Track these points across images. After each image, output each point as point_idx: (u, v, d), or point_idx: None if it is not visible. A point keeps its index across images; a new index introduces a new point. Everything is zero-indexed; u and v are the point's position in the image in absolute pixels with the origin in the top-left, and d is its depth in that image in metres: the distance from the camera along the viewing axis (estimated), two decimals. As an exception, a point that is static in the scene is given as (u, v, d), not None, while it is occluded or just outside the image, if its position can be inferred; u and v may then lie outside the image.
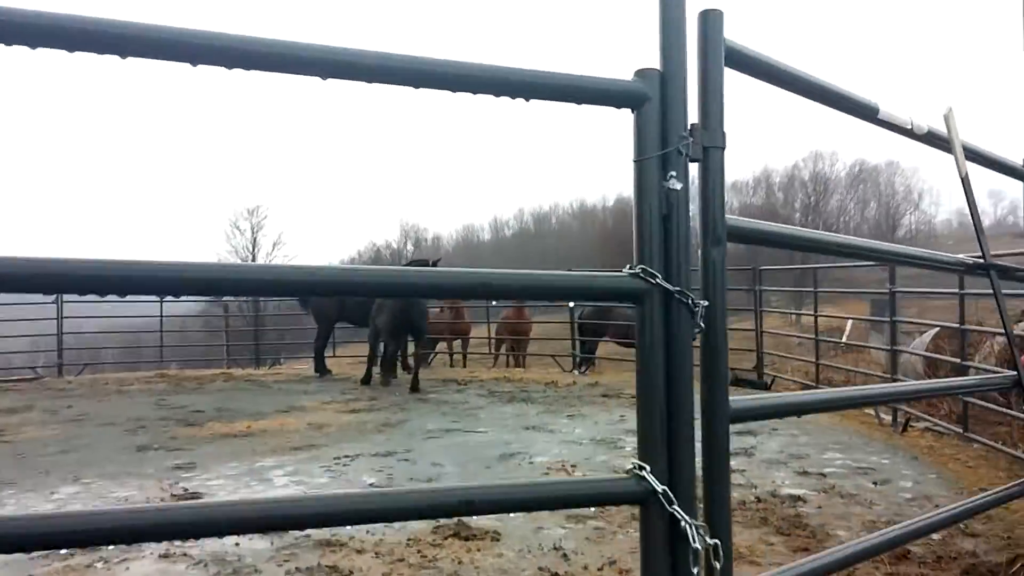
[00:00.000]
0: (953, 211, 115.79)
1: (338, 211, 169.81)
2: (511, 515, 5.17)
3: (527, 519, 5.10)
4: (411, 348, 15.90)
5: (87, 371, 16.79)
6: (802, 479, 6.05)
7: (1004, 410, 7.33)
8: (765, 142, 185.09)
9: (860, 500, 5.43)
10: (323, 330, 14.64)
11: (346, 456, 7.29)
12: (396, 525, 4.99)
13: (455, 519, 5.09)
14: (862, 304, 35.43)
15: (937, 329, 10.52)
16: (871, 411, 8.87)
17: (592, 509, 5.23)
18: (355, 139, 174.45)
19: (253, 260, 65.86)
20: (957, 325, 8.03)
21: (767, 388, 11.25)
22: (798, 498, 5.47)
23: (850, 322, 30.78)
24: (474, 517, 5.13)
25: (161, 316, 17.63)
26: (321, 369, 14.49)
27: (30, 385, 13.94)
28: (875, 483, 5.88)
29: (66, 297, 15.99)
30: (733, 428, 6.31)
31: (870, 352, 17.93)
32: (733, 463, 6.58)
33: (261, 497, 5.22)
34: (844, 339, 29.98)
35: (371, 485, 6.15)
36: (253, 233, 66.98)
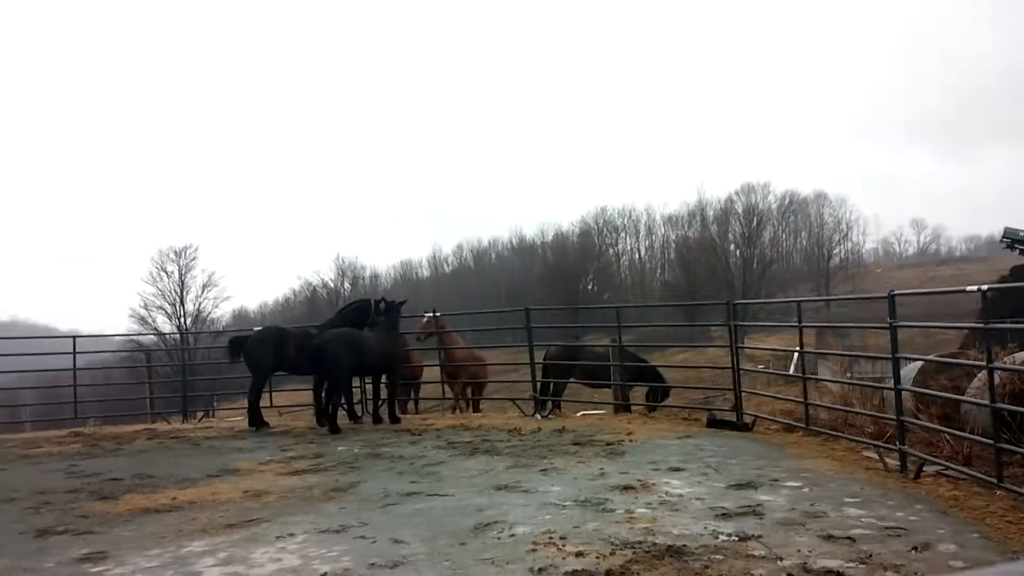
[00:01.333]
0: (879, 240, 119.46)
1: (270, 248, 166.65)
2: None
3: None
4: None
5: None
6: (832, 546, 5.20)
7: (1014, 448, 6.67)
8: (699, 174, 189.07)
9: (908, 573, 4.60)
10: (258, 380, 13.39)
11: (290, 534, 6.19)
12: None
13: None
14: (794, 335, 35.41)
15: (920, 363, 9.91)
16: (874, 455, 8.13)
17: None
18: (287, 173, 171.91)
19: (181, 304, 63.49)
20: (948, 358, 7.40)
21: (749, 430, 10.47)
22: (838, 573, 4.62)
23: (796, 354, 30.85)
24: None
25: (75, 368, 16.13)
26: (257, 422, 13.23)
27: (-76, 451, 12.34)
28: (915, 548, 5.07)
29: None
30: (730, 481, 5.41)
31: (826, 385, 17.48)
32: (744, 527, 5.72)
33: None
34: (792, 370, 29.88)
35: (324, 575, 5.08)
36: (181, 275, 64.62)
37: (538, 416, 13.19)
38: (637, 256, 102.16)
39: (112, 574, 5.37)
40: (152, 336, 55.33)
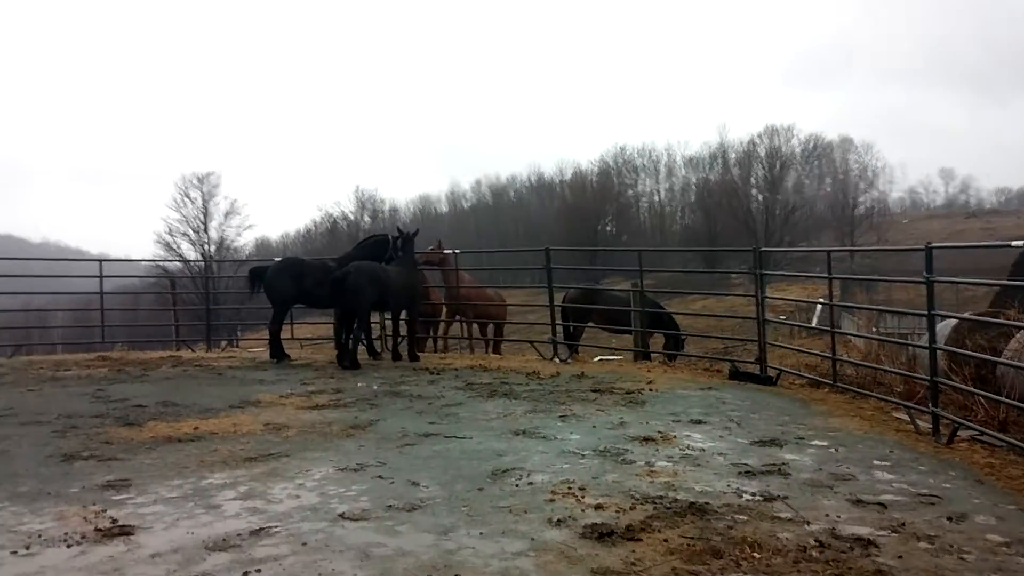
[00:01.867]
0: (906, 189, 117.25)
1: (293, 179, 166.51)
2: (523, 571, 4.13)
3: (547, 576, 4.07)
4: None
5: (21, 352, 15.35)
6: (861, 512, 5.09)
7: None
8: (721, 115, 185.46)
9: (944, 545, 4.48)
10: (279, 312, 13.38)
11: (309, 471, 6.19)
12: None
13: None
14: (819, 286, 35.00)
15: (956, 321, 9.69)
16: (905, 416, 7.99)
17: (623, 563, 4.22)
18: (311, 105, 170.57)
19: (205, 231, 63.67)
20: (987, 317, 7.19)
21: (773, 383, 10.34)
22: (869, 542, 4.51)
23: (819, 306, 30.45)
24: (476, 574, 4.09)
25: (102, 292, 16.20)
26: (278, 354, 13.27)
27: (-49, 369, 12.51)
28: (950, 518, 4.95)
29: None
30: (754, 437, 5.28)
31: (850, 339, 17.26)
32: (769, 486, 5.61)
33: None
34: (815, 322, 29.62)
35: (341, 516, 5.06)
36: (204, 202, 64.61)
37: (557, 360, 13.13)
38: (657, 198, 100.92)
39: (134, 502, 5.38)
40: (177, 262, 55.66)
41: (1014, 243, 7.41)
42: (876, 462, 6.37)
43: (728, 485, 5.70)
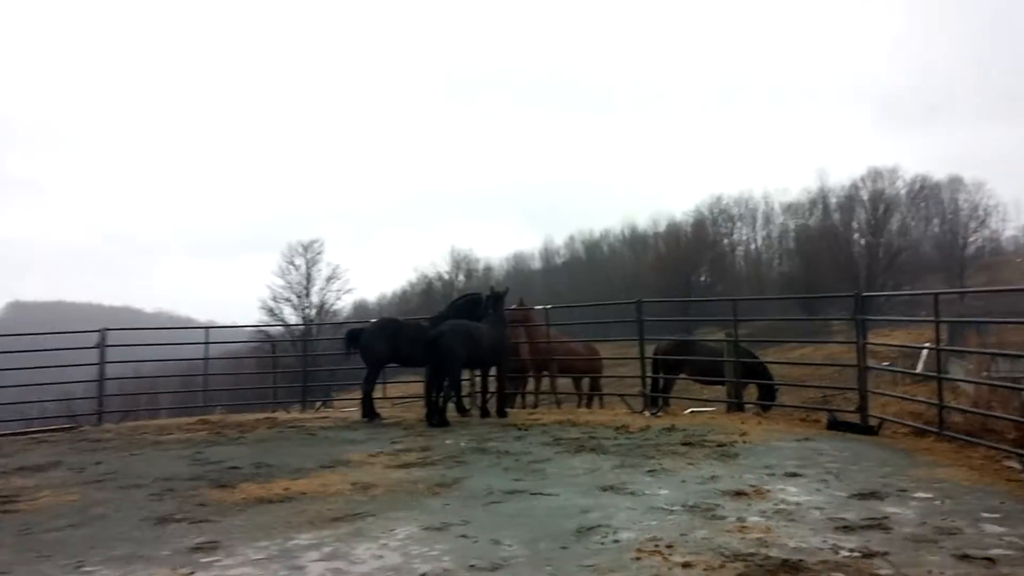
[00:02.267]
0: (1020, 227, 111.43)
1: (389, 241, 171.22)
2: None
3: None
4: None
5: (129, 418, 16.08)
6: (968, 567, 4.75)
7: None
8: (821, 159, 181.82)
9: (1060, 604, 4.13)
10: (372, 372, 13.65)
11: (393, 530, 6.19)
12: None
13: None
14: (925, 330, 33.32)
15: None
16: (1017, 464, 7.47)
17: None
18: (405, 167, 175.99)
19: (307, 296, 65.77)
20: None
21: (874, 433, 9.85)
22: (977, 601, 4.19)
23: (925, 351, 29.03)
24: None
25: (207, 358, 16.86)
26: (370, 413, 13.48)
27: (65, 436, 13.17)
28: (1067, 574, 4.56)
29: (108, 339, 15.33)
30: (853, 489, 5.01)
31: (959, 385, 16.33)
32: (869, 541, 5.28)
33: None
34: (920, 368, 28.21)
35: (423, 576, 5.03)
36: (307, 268, 66.92)
37: (647, 413, 12.87)
38: (753, 246, 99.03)
39: (221, 564, 5.48)
40: (279, 327, 57.58)
41: None
42: (984, 514, 5.95)
43: (824, 541, 5.41)
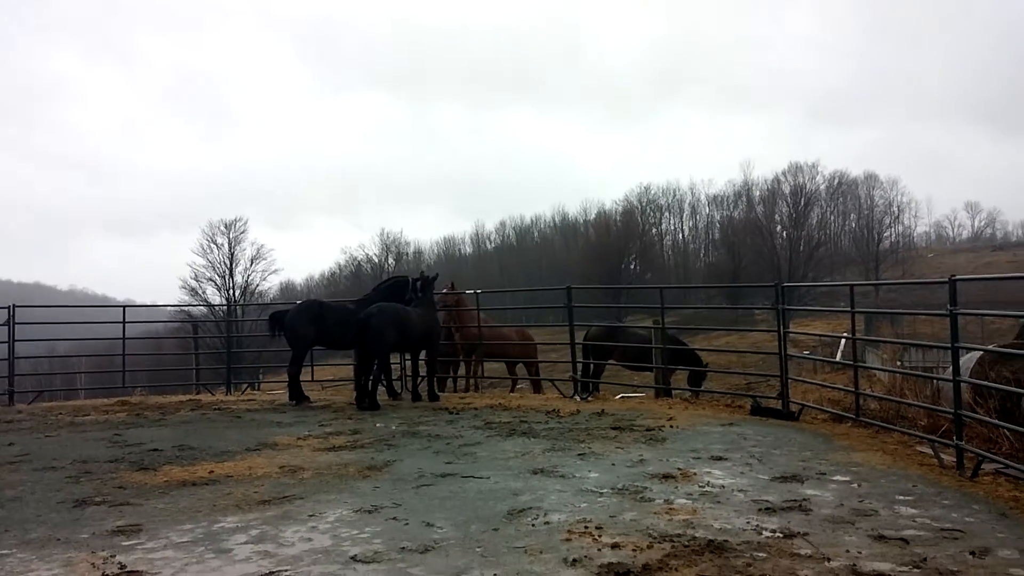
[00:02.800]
0: (932, 224, 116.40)
1: (318, 223, 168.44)
2: None
3: None
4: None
5: (42, 398, 15.48)
6: (883, 547, 4.94)
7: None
8: (746, 153, 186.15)
9: (970, 582, 4.33)
10: (298, 355, 13.42)
11: (322, 513, 6.12)
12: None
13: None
14: (843, 320, 34.48)
15: (980, 353, 9.48)
16: (929, 450, 7.80)
17: None
18: (335, 147, 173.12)
19: (231, 276, 64.28)
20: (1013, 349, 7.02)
21: (795, 419, 10.16)
22: (891, 579, 4.37)
23: (843, 340, 30.12)
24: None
25: (124, 338, 16.34)
26: (297, 396, 13.28)
27: (-26, 417, 12.61)
28: (972, 553, 4.79)
29: (18, 316, 14.71)
30: (775, 473, 5.17)
31: (874, 373, 17.00)
32: (790, 522, 5.46)
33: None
34: (838, 356, 29.25)
35: (353, 558, 4.99)
36: (231, 248, 65.31)
37: (577, 398, 13.01)
38: (681, 236, 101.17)
39: (144, 548, 5.33)
40: (201, 307, 56.13)
41: None
42: (899, 497, 6.20)
43: (748, 522, 5.56)
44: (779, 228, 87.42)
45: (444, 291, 15.33)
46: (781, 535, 5.22)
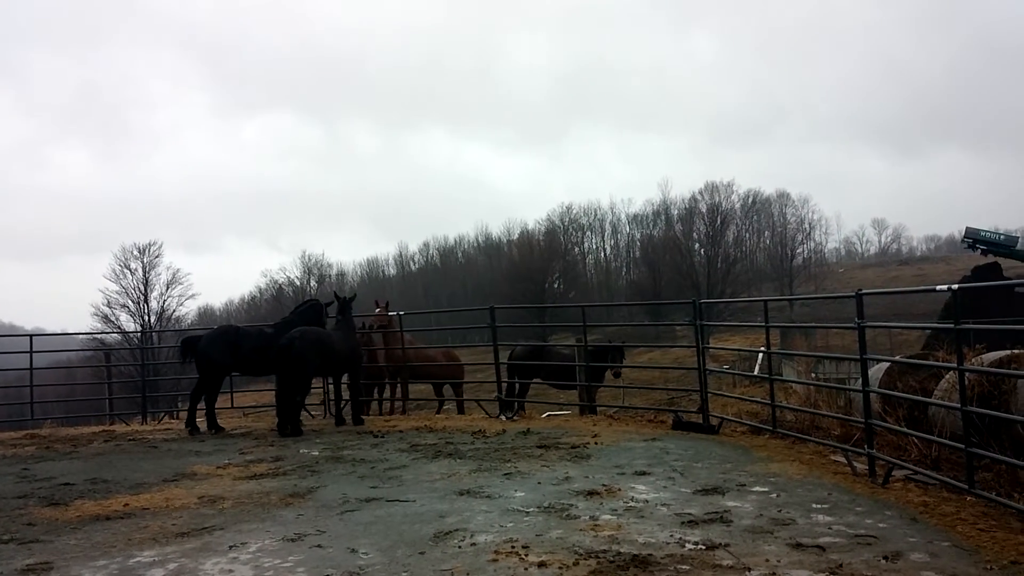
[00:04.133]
0: (841, 240, 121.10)
1: (236, 247, 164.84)
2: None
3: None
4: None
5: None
6: (801, 555, 5.10)
7: (984, 452, 6.65)
8: (663, 173, 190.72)
9: (881, 585, 4.51)
10: (214, 381, 13.04)
11: (244, 543, 5.97)
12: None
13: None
14: (760, 335, 35.63)
15: (887, 364, 9.91)
16: (842, 459, 8.09)
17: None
18: (253, 170, 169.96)
19: (145, 302, 62.32)
20: (917, 359, 7.37)
21: (715, 432, 10.40)
22: (809, 585, 4.51)
23: (760, 354, 30.97)
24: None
25: (32, 368, 15.65)
26: (213, 425, 12.93)
27: None
28: (886, 557, 4.98)
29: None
30: (696, 486, 5.30)
31: (790, 386, 17.53)
32: (711, 534, 5.59)
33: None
34: (756, 370, 30.05)
35: (277, 588, 4.88)
36: (145, 273, 63.28)
37: (503, 417, 13.03)
38: (603, 255, 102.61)
39: (54, 587, 5.11)
40: (115, 335, 54.15)
41: (939, 287, 7.63)
42: (815, 505, 6.41)
43: (671, 535, 5.67)
44: (697, 246, 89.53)
45: (376, 312, 15.17)
46: (703, 547, 5.34)
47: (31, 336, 16.94)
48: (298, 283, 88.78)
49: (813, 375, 17.73)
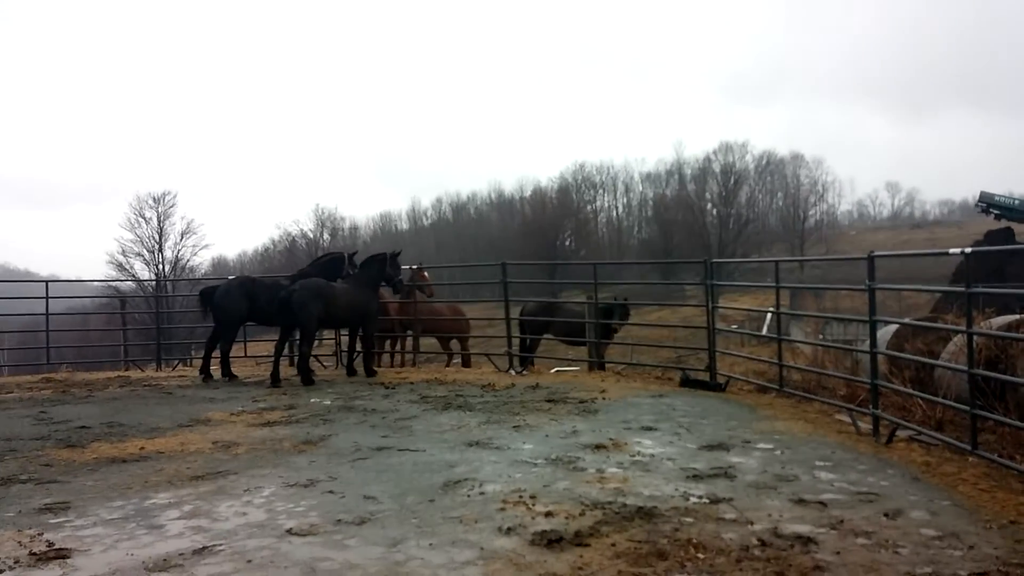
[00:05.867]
0: (854, 202, 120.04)
1: (251, 197, 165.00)
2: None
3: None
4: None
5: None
6: (803, 511, 5.19)
7: (987, 415, 6.71)
8: (678, 132, 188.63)
9: (880, 541, 4.59)
10: (230, 331, 13.22)
11: (258, 487, 6.11)
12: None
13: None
14: (770, 295, 35.62)
15: (897, 326, 9.93)
16: (847, 418, 8.16)
17: (570, 568, 4.26)
18: (269, 122, 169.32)
19: (160, 251, 62.59)
20: (926, 322, 7.39)
21: (722, 390, 10.48)
22: (808, 539, 4.60)
23: (769, 314, 31.04)
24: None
25: (47, 314, 15.85)
26: (227, 373, 13.12)
27: None
28: (887, 515, 5.06)
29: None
30: (702, 441, 5.39)
31: (798, 346, 17.60)
32: (716, 489, 5.70)
33: None
34: (764, 330, 30.12)
35: (289, 532, 5.01)
36: (159, 222, 63.45)
37: (512, 372, 13.15)
38: (615, 213, 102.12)
39: (72, 525, 5.26)
40: (129, 282, 54.53)
41: (951, 251, 7.62)
42: (818, 463, 6.49)
43: (676, 489, 5.76)
44: (710, 206, 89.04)
45: (417, 269, 15.30)
46: (707, 501, 5.44)
47: (47, 282, 17.13)
48: (311, 236, 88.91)
49: (821, 336, 17.79)
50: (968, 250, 6.77)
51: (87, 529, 5.16)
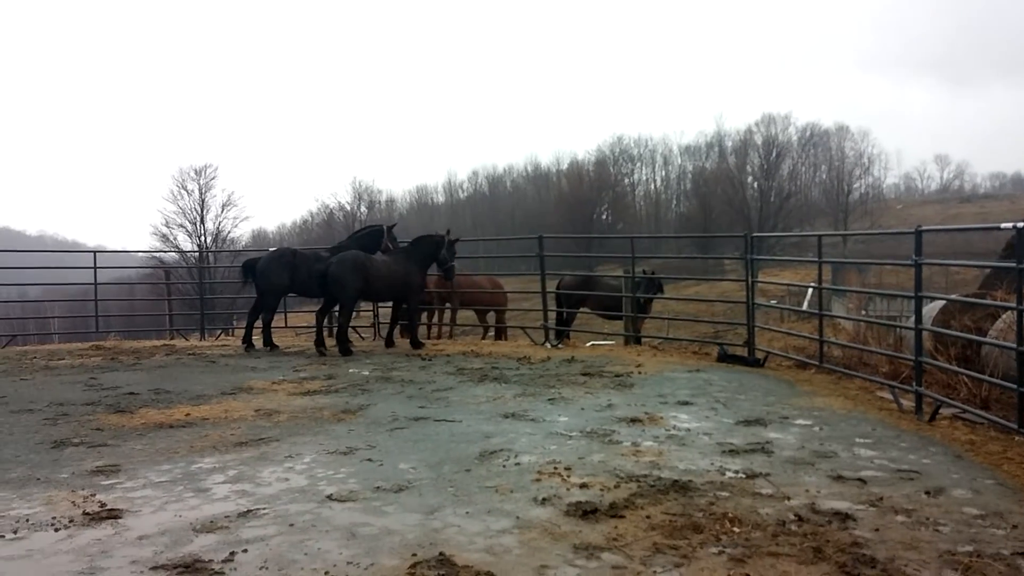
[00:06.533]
0: (901, 175, 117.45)
1: (290, 170, 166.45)
2: (507, 547, 4.21)
3: (527, 552, 4.14)
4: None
5: (15, 343, 15.38)
6: (841, 487, 5.16)
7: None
8: (718, 104, 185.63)
9: (920, 518, 4.55)
10: (271, 302, 13.42)
11: (299, 454, 6.24)
12: (363, 563, 4.01)
13: (438, 553, 4.11)
14: (811, 270, 35.13)
15: (943, 302, 9.74)
16: (888, 395, 8.06)
17: (605, 539, 4.30)
18: (308, 96, 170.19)
19: (202, 223, 63.46)
20: (973, 298, 7.23)
21: (760, 365, 10.41)
22: (847, 515, 4.58)
23: (810, 290, 30.62)
24: (460, 551, 4.16)
25: (96, 283, 16.21)
26: (269, 342, 13.34)
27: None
28: (928, 492, 5.02)
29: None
30: (739, 417, 5.37)
31: (839, 322, 17.37)
32: (752, 464, 5.69)
33: (193, 525, 4.15)
34: (805, 305, 29.76)
35: (329, 497, 5.12)
36: (201, 194, 64.33)
37: (548, 345, 13.18)
38: (653, 187, 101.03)
39: (123, 487, 5.43)
40: (173, 253, 55.52)
41: (1002, 225, 7.44)
42: (858, 439, 6.44)
43: (712, 463, 5.76)
44: (750, 179, 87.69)
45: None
46: (744, 476, 5.43)
47: (95, 252, 17.49)
48: (348, 208, 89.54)
49: (863, 312, 17.51)
50: (1020, 224, 6.59)
51: (137, 491, 5.33)
